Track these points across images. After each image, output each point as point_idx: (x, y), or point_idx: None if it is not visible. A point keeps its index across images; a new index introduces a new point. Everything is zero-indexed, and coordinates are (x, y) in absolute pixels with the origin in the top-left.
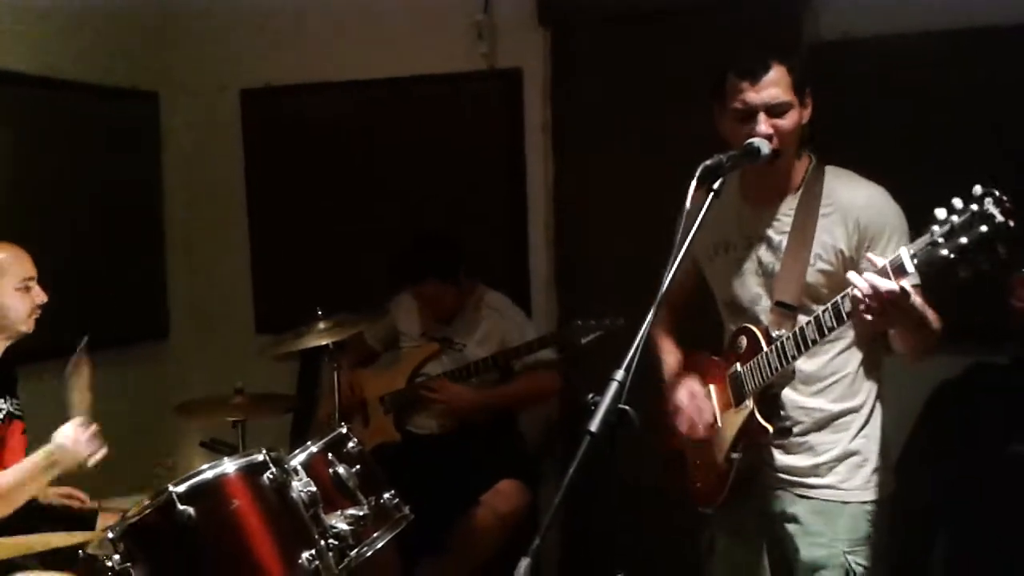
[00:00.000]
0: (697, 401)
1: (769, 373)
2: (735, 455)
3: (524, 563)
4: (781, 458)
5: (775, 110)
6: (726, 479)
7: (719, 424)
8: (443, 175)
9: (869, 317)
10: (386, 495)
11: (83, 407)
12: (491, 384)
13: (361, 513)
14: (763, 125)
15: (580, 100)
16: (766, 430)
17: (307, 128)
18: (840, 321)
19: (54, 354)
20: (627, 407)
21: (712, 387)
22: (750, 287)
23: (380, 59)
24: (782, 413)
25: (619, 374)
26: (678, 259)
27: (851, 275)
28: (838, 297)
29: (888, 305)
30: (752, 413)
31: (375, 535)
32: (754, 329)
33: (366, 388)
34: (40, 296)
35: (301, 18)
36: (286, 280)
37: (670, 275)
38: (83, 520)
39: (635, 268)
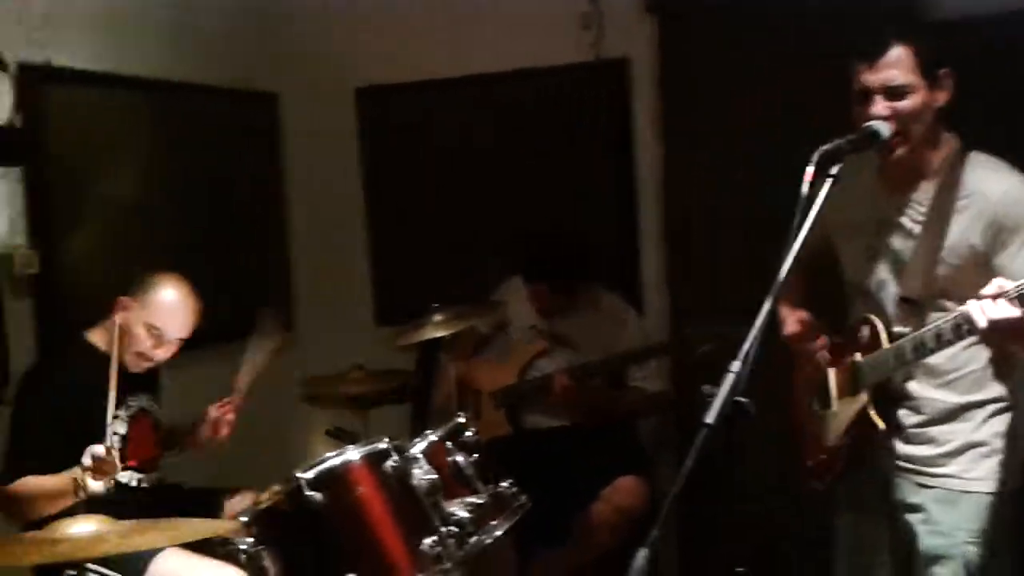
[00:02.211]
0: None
1: (886, 371)
2: (847, 441)
3: (641, 554)
4: (902, 447)
5: (894, 92)
6: (837, 462)
7: (834, 408)
8: (551, 170)
9: (990, 343)
10: (503, 484)
11: (241, 384)
12: (602, 386)
13: (480, 501)
14: (878, 106)
15: (691, 90)
16: (876, 426)
17: (419, 125)
18: (959, 339)
19: (190, 346)
20: (744, 398)
21: (832, 370)
22: (878, 273)
23: (487, 54)
24: (897, 410)
25: (736, 365)
26: (797, 247)
27: (970, 305)
28: (958, 315)
29: (1011, 333)
30: (865, 407)
31: (494, 523)
32: (876, 323)
33: (478, 382)
34: (160, 354)
35: (409, 15)
36: (405, 272)
37: (789, 262)
38: (210, 503)
39: (750, 265)
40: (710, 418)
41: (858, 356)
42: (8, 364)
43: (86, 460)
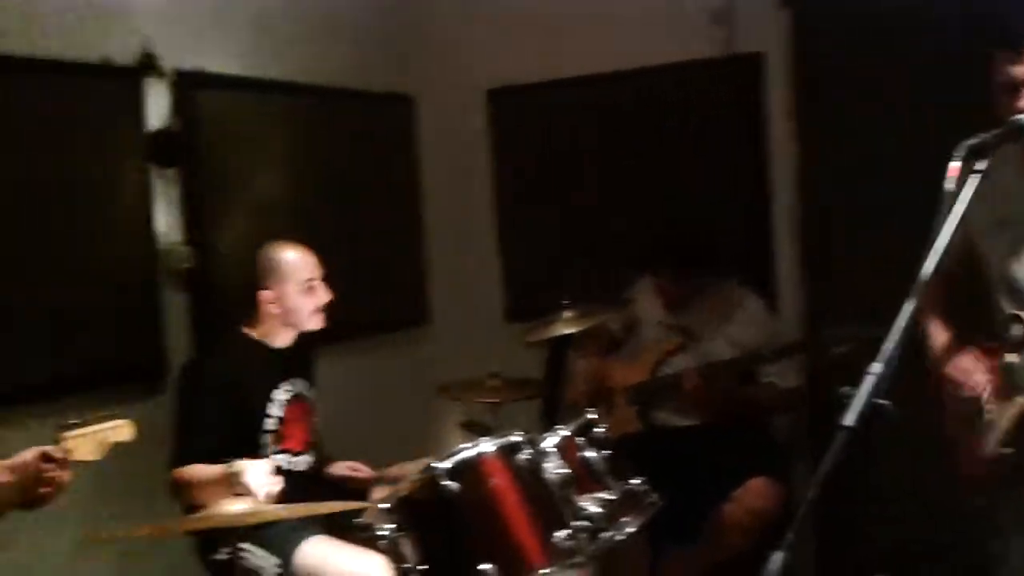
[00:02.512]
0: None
1: None
2: (1006, 450)
3: (777, 557)
4: None
5: None
6: (995, 472)
7: (989, 414)
8: (683, 166)
9: None
10: (634, 481)
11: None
12: (734, 384)
13: (611, 497)
14: None
15: (825, 84)
16: None
17: (551, 124)
18: None
19: (331, 339)
20: (885, 401)
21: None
22: None
23: (618, 51)
24: None
25: (876, 367)
26: (942, 245)
27: None
28: None
29: None
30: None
31: (625, 519)
32: None
33: (610, 378)
34: (324, 296)
35: (541, 15)
36: (535, 270)
37: (935, 260)
38: (361, 492)
39: (889, 262)
40: (849, 420)
41: (1011, 357)
42: (166, 354)
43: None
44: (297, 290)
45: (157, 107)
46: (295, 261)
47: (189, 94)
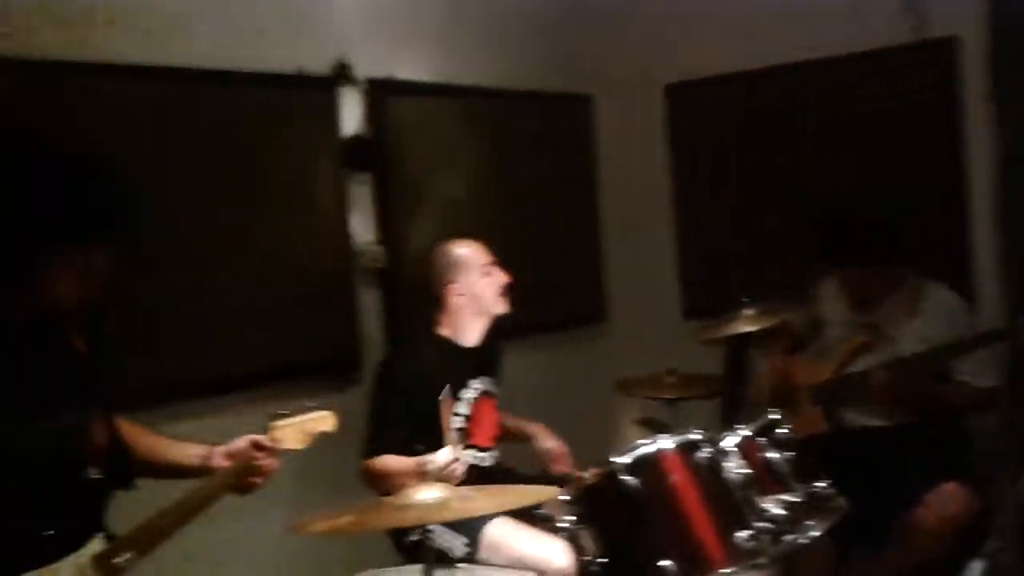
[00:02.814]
0: None
1: None
2: None
3: (977, 566)
4: None
5: None
6: None
7: None
8: (873, 156)
9: None
10: (819, 484)
11: None
12: (925, 380)
13: (795, 499)
14: None
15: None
16: None
17: (729, 118)
18: None
19: (511, 337)
20: None
21: None
22: None
23: (801, 41)
24: None
25: None
26: None
27: None
28: None
29: None
30: None
31: (809, 523)
32: None
33: (794, 377)
34: (502, 277)
35: (718, 8)
36: (713, 267)
37: None
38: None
39: None
40: None
41: None
42: (360, 349)
43: (433, 465)
44: (478, 276)
45: (351, 114)
46: (470, 252)
47: (380, 101)
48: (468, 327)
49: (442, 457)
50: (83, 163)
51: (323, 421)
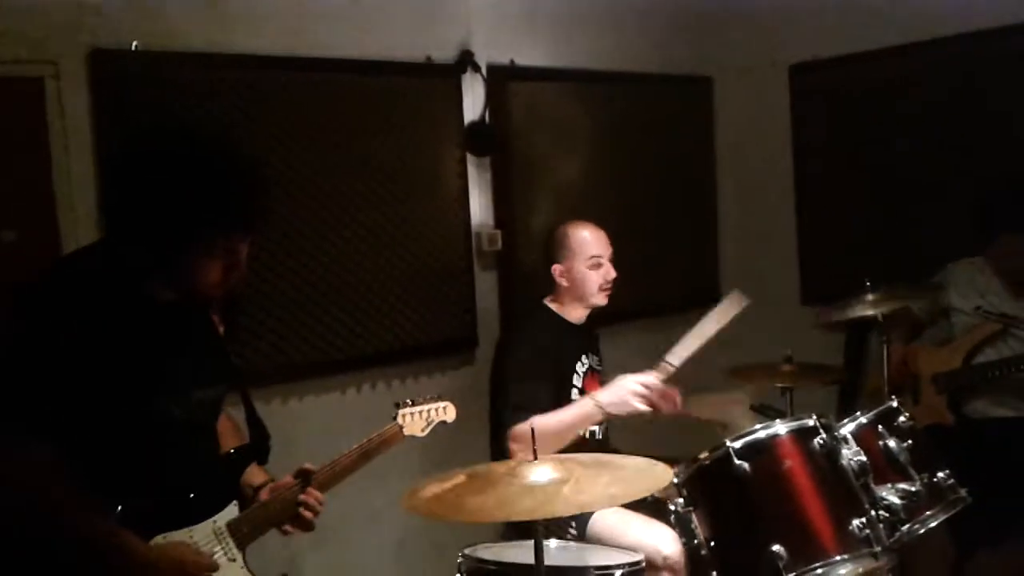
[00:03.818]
0: None
1: None
2: None
3: None
4: None
5: None
6: None
7: None
8: (1003, 137)
9: None
10: (940, 474)
11: (683, 352)
12: None
13: (913, 489)
14: None
15: None
16: None
17: (853, 97)
18: None
19: (621, 318)
20: None
21: None
22: None
23: (924, 19)
24: None
25: None
26: None
27: None
28: None
29: None
30: None
31: (928, 514)
32: None
33: (917, 364)
34: (609, 273)
35: None
36: (833, 252)
37: None
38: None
39: None
40: None
41: None
42: (477, 328)
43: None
44: (585, 265)
45: (473, 100)
46: (583, 238)
47: (501, 86)
48: (573, 308)
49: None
50: (233, 157)
51: (444, 411)
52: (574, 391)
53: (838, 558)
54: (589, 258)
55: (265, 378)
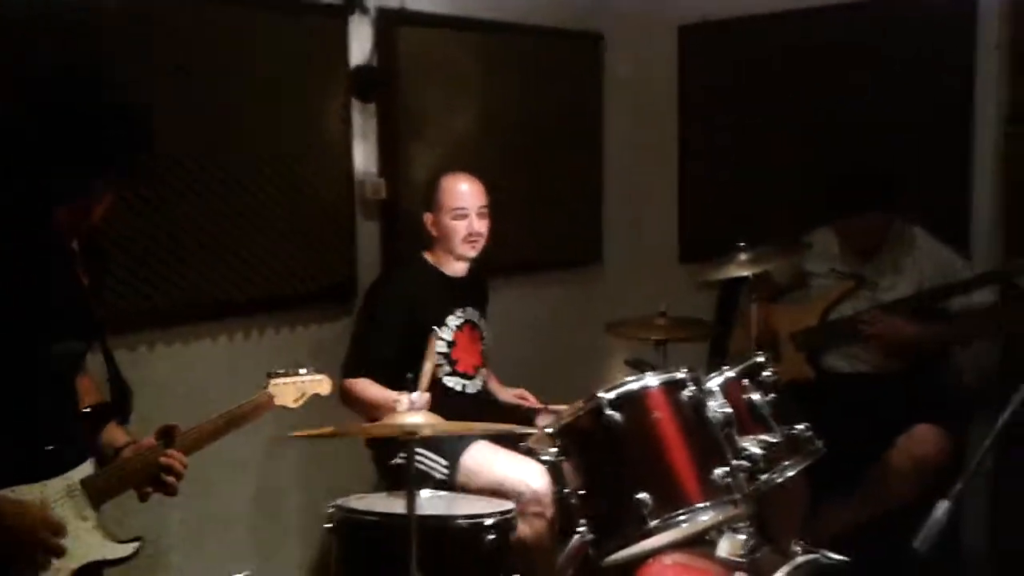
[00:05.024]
0: None
1: None
2: None
3: (943, 506)
4: None
5: None
6: None
7: None
8: (878, 104)
9: None
10: (799, 427)
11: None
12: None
13: (773, 440)
14: None
15: None
16: None
17: (741, 61)
18: None
19: (505, 274)
20: None
21: None
22: None
23: None
24: None
25: None
26: None
27: None
28: None
29: None
30: None
31: (786, 463)
32: None
33: (778, 323)
34: (475, 226)
35: None
36: (712, 212)
37: None
38: (526, 418)
39: None
40: None
41: None
42: (357, 277)
43: (402, 405)
44: (449, 216)
45: (360, 44)
46: (450, 188)
47: (389, 31)
48: (448, 260)
49: (414, 399)
50: (92, 96)
51: (319, 384)
52: (442, 343)
53: (700, 505)
54: (453, 209)
55: (131, 324)
